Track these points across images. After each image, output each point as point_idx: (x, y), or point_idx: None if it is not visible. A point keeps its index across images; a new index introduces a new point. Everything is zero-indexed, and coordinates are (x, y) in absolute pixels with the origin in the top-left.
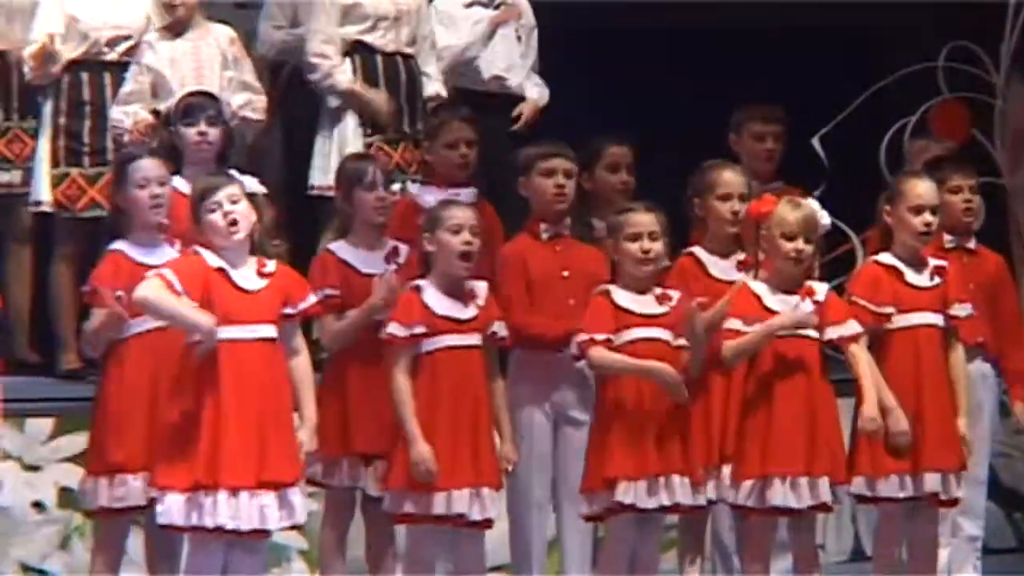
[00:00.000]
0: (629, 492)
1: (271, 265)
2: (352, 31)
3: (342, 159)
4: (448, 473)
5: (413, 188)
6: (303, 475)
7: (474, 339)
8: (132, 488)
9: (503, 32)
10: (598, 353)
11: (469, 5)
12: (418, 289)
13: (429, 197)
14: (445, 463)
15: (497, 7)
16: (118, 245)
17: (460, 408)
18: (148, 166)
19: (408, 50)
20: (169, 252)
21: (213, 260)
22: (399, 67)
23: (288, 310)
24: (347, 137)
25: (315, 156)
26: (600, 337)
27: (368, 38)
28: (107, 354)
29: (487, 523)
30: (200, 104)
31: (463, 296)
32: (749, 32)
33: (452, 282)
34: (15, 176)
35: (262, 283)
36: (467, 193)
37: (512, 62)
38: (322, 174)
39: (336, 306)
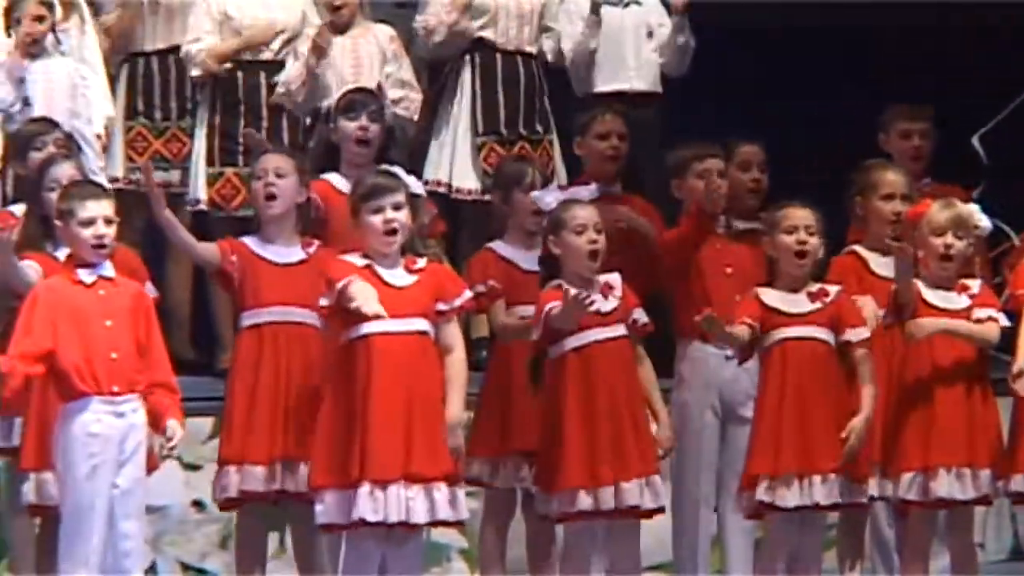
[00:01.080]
0: (769, 491)
1: (421, 262)
2: (472, 26)
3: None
4: (617, 466)
5: (535, 191)
6: (459, 471)
7: (619, 330)
8: (256, 477)
9: (633, 30)
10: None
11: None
12: (558, 286)
13: (549, 198)
14: (612, 457)
15: (627, 6)
16: (244, 237)
17: (617, 400)
18: (267, 158)
19: (529, 49)
20: (298, 252)
21: (359, 260)
22: (518, 66)
23: (442, 306)
24: (458, 134)
25: (429, 152)
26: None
27: (488, 34)
28: (235, 345)
29: (659, 511)
30: (362, 100)
31: (600, 290)
32: (909, 30)
33: (585, 280)
34: (174, 175)
35: (411, 279)
36: (589, 190)
37: (643, 61)
38: (433, 170)
39: (498, 298)
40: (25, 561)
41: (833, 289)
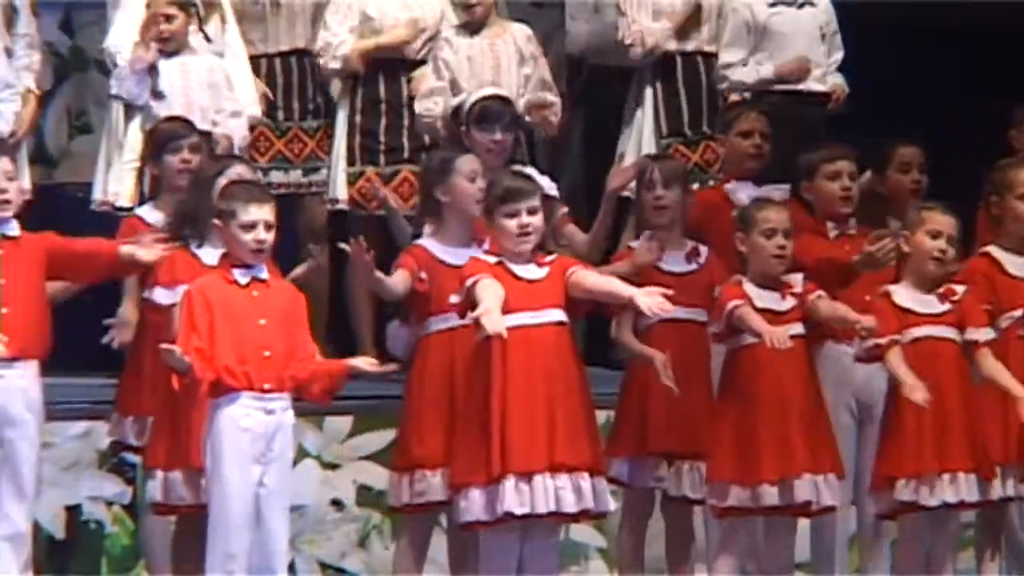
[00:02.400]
0: (909, 490)
1: (551, 256)
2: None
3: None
4: (789, 462)
5: (729, 184)
6: (603, 464)
7: (796, 328)
8: (432, 485)
9: (808, 31)
10: (893, 356)
11: (773, 4)
12: (739, 283)
13: (742, 194)
14: (778, 453)
15: (801, 7)
16: (423, 240)
17: (789, 396)
18: (476, 160)
19: (708, 48)
20: (471, 251)
21: (491, 257)
22: (699, 66)
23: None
24: (643, 138)
25: (617, 153)
26: (884, 341)
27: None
28: (413, 352)
29: (829, 509)
30: (497, 111)
31: (779, 288)
32: None
33: (768, 278)
34: (294, 176)
35: (542, 272)
36: (781, 191)
37: (815, 62)
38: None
39: None
40: (162, 561)
41: (960, 288)
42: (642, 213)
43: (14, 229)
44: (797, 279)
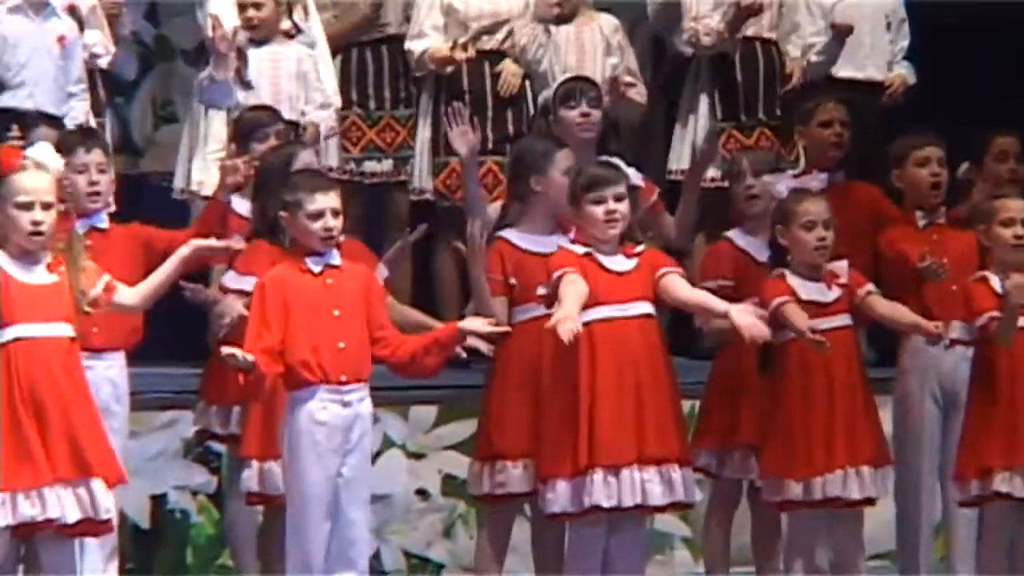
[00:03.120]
0: (1005, 481)
1: (639, 247)
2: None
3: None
4: (831, 455)
5: (767, 177)
6: (690, 455)
7: (843, 319)
8: (512, 476)
9: (873, 18)
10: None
11: None
12: (782, 276)
13: (780, 186)
14: (827, 446)
15: None
16: (506, 233)
17: (836, 389)
18: (571, 156)
19: (768, 35)
20: (554, 241)
21: (580, 248)
22: (757, 52)
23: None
24: (698, 123)
25: (673, 142)
26: (995, 314)
27: None
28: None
29: (868, 502)
30: (580, 88)
31: (824, 278)
32: None
33: (812, 269)
34: (386, 165)
35: (631, 263)
36: (819, 180)
37: (878, 50)
38: (676, 159)
39: (727, 298)
40: (248, 550)
41: None
42: (734, 204)
43: (103, 221)
44: (842, 267)
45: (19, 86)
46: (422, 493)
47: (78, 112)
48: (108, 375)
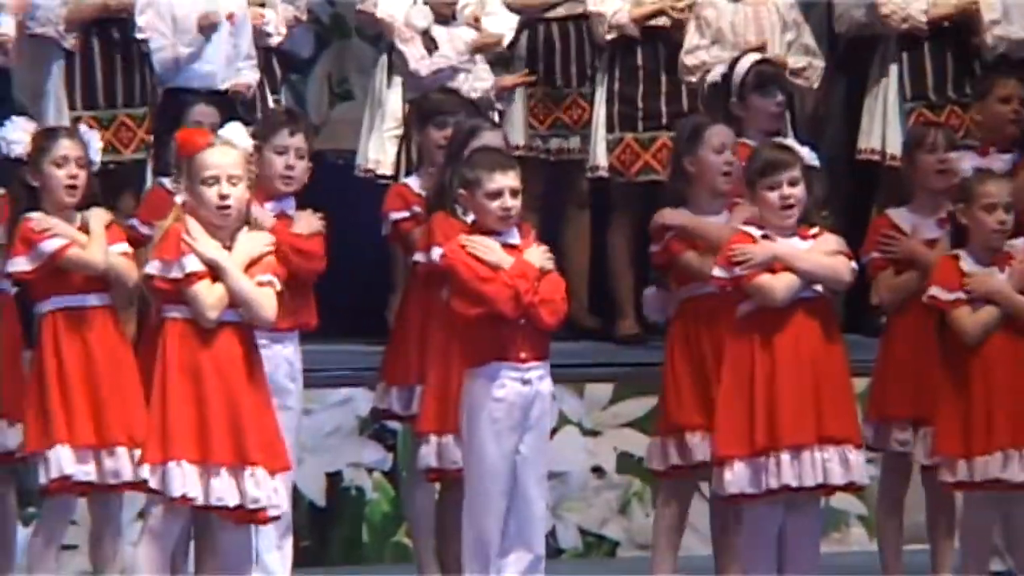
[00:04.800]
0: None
1: (815, 230)
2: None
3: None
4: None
5: (952, 153)
6: (860, 436)
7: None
8: (695, 445)
9: None
10: None
11: None
12: (956, 257)
13: (965, 164)
14: (990, 426)
15: None
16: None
17: (1016, 368)
18: (725, 131)
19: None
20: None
21: (756, 231)
22: (946, 31)
23: None
24: (888, 102)
25: (862, 121)
26: None
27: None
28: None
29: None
30: (774, 75)
31: (1000, 261)
32: None
33: (989, 251)
34: (574, 142)
35: (805, 245)
36: (1003, 160)
37: None
38: (865, 139)
39: (882, 268)
40: (425, 527)
41: None
42: (917, 176)
43: (292, 208)
44: (1019, 246)
45: (191, 64)
46: (598, 471)
47: (247, 78)
48: (284, 354)
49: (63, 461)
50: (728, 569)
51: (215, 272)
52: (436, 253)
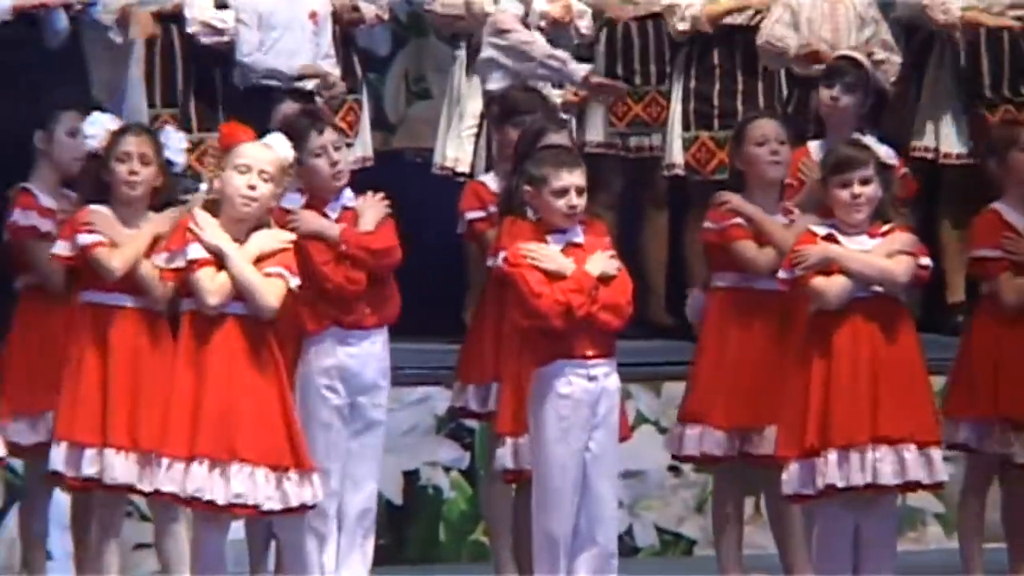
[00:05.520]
0: None
1: (886, 227)
2: None
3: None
4: None
5: None
6: (935, 434)
7: None
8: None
9: None
10: None
11: None
12: None
13: None
14: None
15: None
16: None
17: None
18: (768, 125)
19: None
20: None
21: (822, 228)
22: (1003, 31)
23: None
24: (944, 101)
25: (915, 120)
26: None
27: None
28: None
29: None
30: (840, 68)
31: None
32: None
33: None
34: (654, 140)
35: (872, 244)
36: None
37: None
38: (919, 135)
39: (1004, 269)
40: (502, 526)
41: None
42: (1012, 175)
43: (351, 200)
44: None
45: (274, 59)
46: (675, 469)
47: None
48: (373, 352)
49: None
50: (795, 569)
51: (219, 259)
52: (500, 258)
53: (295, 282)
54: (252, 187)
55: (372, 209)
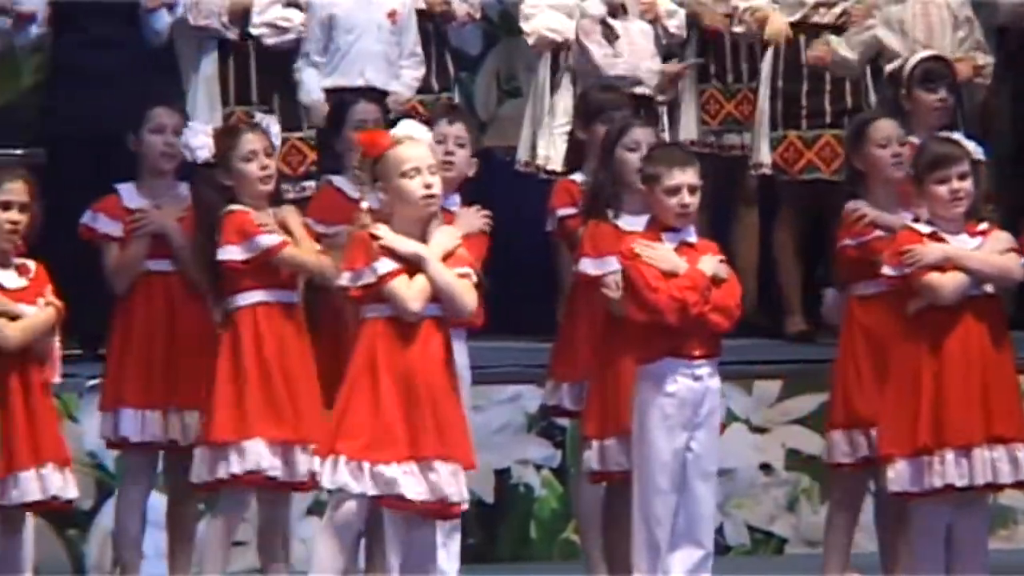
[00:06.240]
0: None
1: (983, 225)
2: None
3: None
4: None
5: None
6: None
7: None
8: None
9: None
10: None
11: None
12: None
13: None
14: None
15: None
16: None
17: None
18: (890, 125)
19: None
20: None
21: (924, 227)
22: None
23: None
24: None
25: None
26: None
27: None
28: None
29: None
30: (940, 71)
31: None
32: None
33: None
34: (746, 138)
35: (974, 243)
36: None
37: None
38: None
39: None
40: (593, 525)
41: None
42: None
43: (455, 204)
44: None
45: (349, 64)
46: (766, 467)
47: (407, 80)
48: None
49: (259, 455)
50: (895, 568)
51: (416, 265)
52: (583, 265)
53: (475, 278)
54: (428, 186)
55: (470, 217)
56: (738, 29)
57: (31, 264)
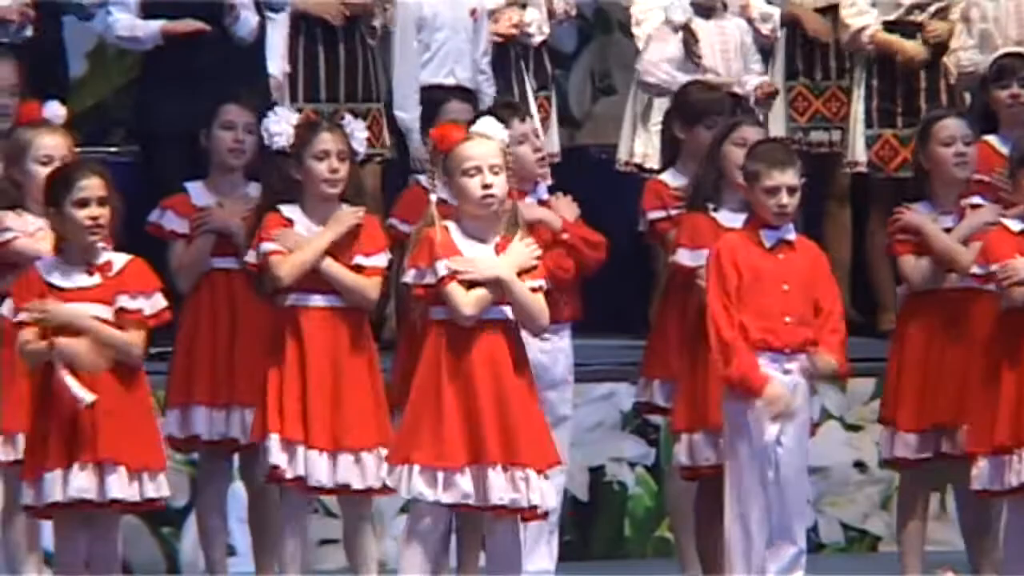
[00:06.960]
0: None
1: None
2: None
3: None
4: None
5: None
6: None
7: None
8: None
9: None
10: None
11: None
12: None
13: None
14: None
15: None
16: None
17: None
18: (954, 124)
19: None
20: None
21: (1016, 225)
22: None
23: None
24: None
25: None
26: None
27: None
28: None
29: None
30: (1012, 66)
31: None
32: None
33: None
34: (834, 135)
35: None
36: None
37: None
38: None
39: None
40: (687, 523)
41: None
42: None
43: (546, 194)
44: None
45: (439, 62)
46: (859, 465)
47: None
48: (563, 346)
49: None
50: (983, 568)
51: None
52: (680, 256)
53: (546, 286)
54: (488, 186)
55: (567, 206)
56: (851, 49)
57: (119, 261)
